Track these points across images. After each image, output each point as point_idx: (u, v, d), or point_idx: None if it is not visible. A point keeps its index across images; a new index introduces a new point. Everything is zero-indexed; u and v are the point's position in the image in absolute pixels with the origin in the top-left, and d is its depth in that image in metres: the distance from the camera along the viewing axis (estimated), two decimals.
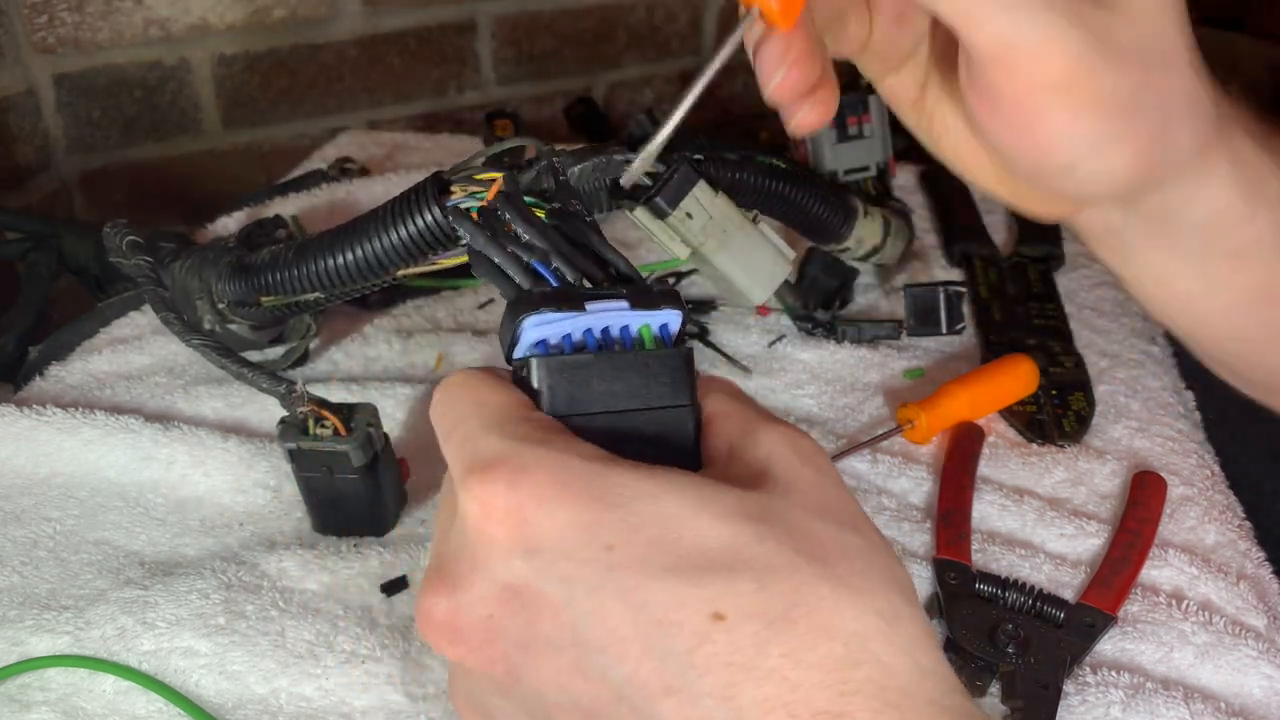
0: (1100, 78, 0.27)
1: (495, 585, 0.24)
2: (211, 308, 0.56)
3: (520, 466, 0.24)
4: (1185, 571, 0.48)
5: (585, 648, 0.23)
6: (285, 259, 0.49)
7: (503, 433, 0.26)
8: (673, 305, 0.29)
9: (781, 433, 0.28)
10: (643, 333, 0.29)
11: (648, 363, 0.28)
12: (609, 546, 0.23)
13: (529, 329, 0.28)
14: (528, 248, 0.30)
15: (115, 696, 0.42)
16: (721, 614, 0.22)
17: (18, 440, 0.55)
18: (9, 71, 1.09)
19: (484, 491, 0.24)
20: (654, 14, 1.55)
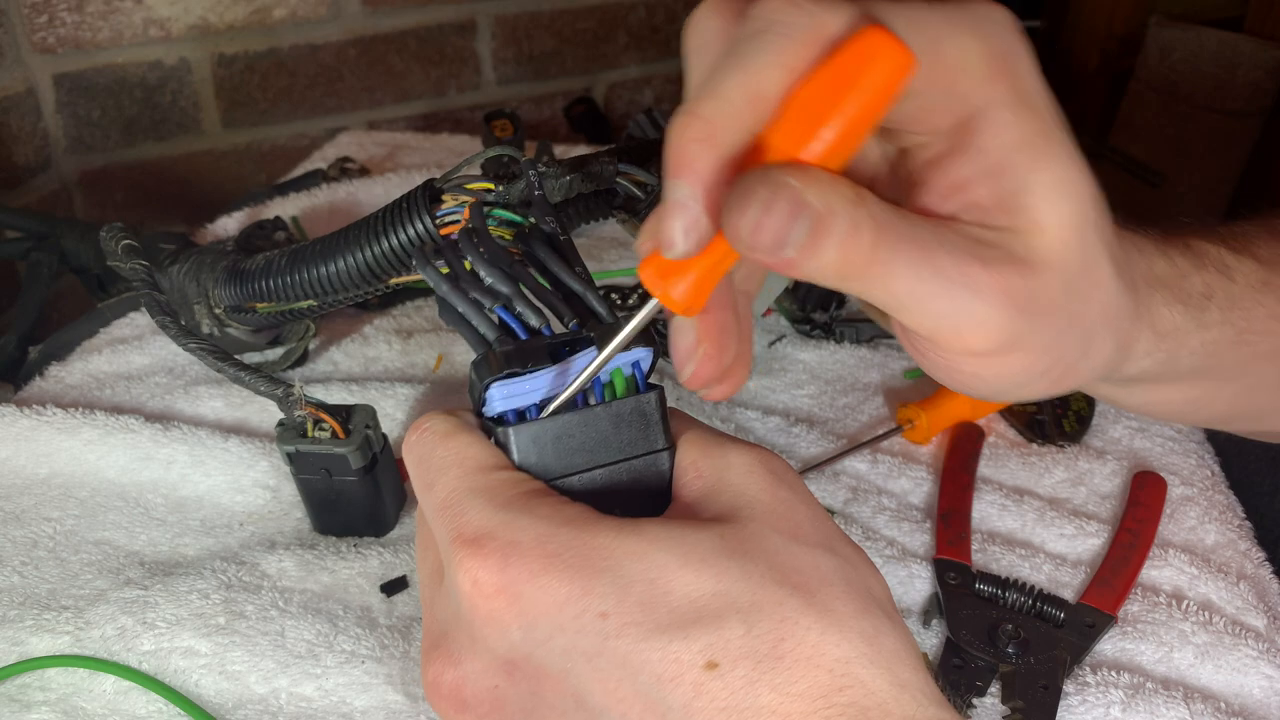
0: (1025, 339, 0.27)
1: (496, 658, 0.26)
2: (209, 312, 0.56)
3: (510, 542, 0.25)
4: (1185, 571, 0.48)
5: (590, 711, 0.24)
6: (278, 266, 0.49)
7: (490, 500, 0.26)
8: (642, 343, 0.29)
9: (751, 456, 0.28)
10: (614, 378, 0.29)
11: (620, 414, 0.28)
12: (602, 615, 0.24)
13: (495, 393, 0.28)
14: (491, 293, 0.30)
15: (115, 696, 0.42)
16: (714, 662, 0.23)
17: (18, 440, 0.55)
18: (9, 71, 1.09)
19: (477, 568, 0.25)
20: (654, 14, 1.55)
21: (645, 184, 0.47)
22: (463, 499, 0.27)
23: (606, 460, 0.28)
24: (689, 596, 0.24)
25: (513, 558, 0.25)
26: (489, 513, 0.26)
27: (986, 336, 0.26)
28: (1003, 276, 0.26)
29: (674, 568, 0.24)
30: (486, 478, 0.27)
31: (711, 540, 0.25)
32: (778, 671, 0.23)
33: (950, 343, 0.27)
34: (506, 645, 0.25)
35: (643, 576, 0.24)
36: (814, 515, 0.27)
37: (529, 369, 0.28)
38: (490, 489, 0.27)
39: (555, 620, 0.24)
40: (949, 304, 0.26)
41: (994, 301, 0.26)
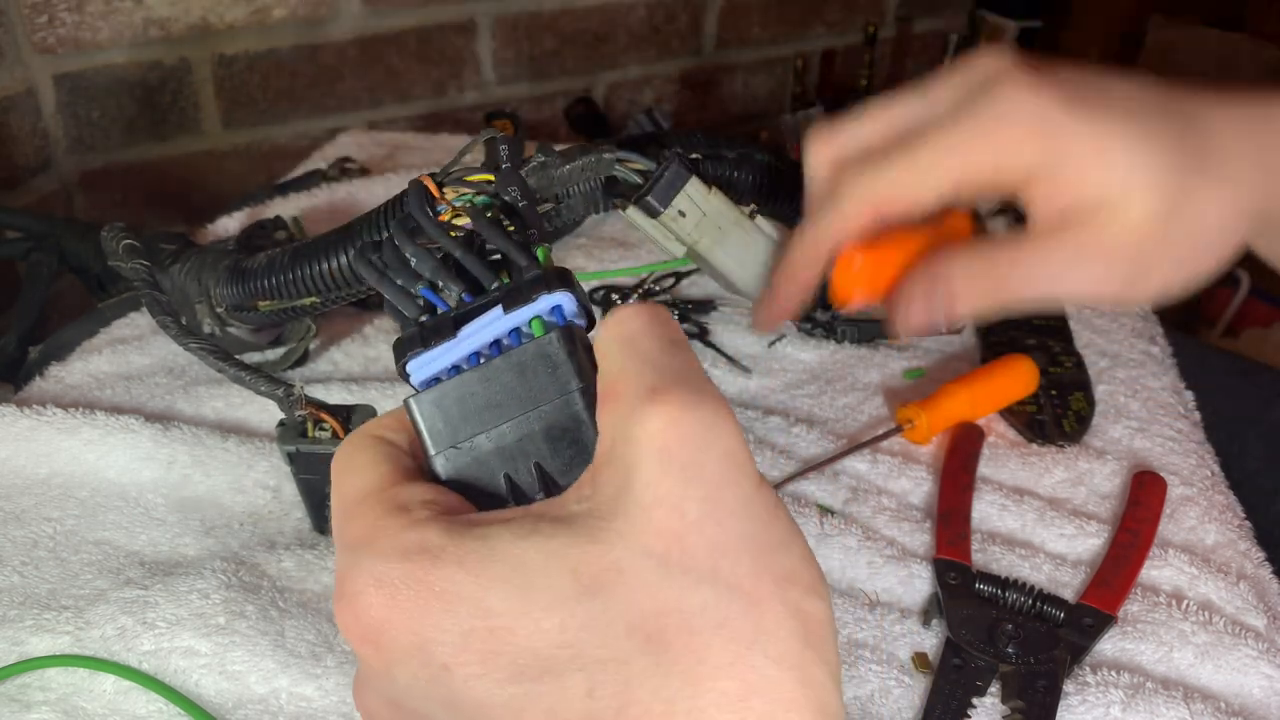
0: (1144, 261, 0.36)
1: (382, 698, 0.26)
2: (210, 311, 0.56)
3: (355, 592, 0.23)
4: (1185, 571, 0.48)
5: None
6: (280, 263, 0.49)
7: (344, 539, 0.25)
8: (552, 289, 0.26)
9: (653, 427, 0.23)
10: (534, 327, 0.27)
11: (523, 361, 0.26)
12: (445, 667, 0.22)
13: (415, 372, 0.27)
14: (414, 275, 0.29)
15: (115, 696, 0.42)
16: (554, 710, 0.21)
17: (18, 440, 0.55)
18: (9, 71, 1.09)
19: (342, 617, 0.24)
20: (654, 14, 1.55)
21: (644, 171, 0.47)
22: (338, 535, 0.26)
23: (516, 413, 0.26)
24: (530, 649, 0.22)
25: (360, 608, 0.23)
26: (344, 554, 0.25)
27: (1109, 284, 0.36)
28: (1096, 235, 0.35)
29: (515, 614, 0.22)
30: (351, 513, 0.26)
31: (563, 574, 0.22)
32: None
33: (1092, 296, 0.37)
34: (384, 688, 0.25)
35: (482, 625, 0.22)
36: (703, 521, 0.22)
37: (434, 342, 0.27)
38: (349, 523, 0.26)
39: (408, 669, 0.23)
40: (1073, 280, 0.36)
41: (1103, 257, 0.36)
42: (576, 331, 0.27)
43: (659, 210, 0.47)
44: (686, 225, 0.48)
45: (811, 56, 1.75)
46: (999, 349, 0.64)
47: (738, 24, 1.64)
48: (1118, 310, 0.69)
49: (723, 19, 1.62)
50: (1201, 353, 0.91)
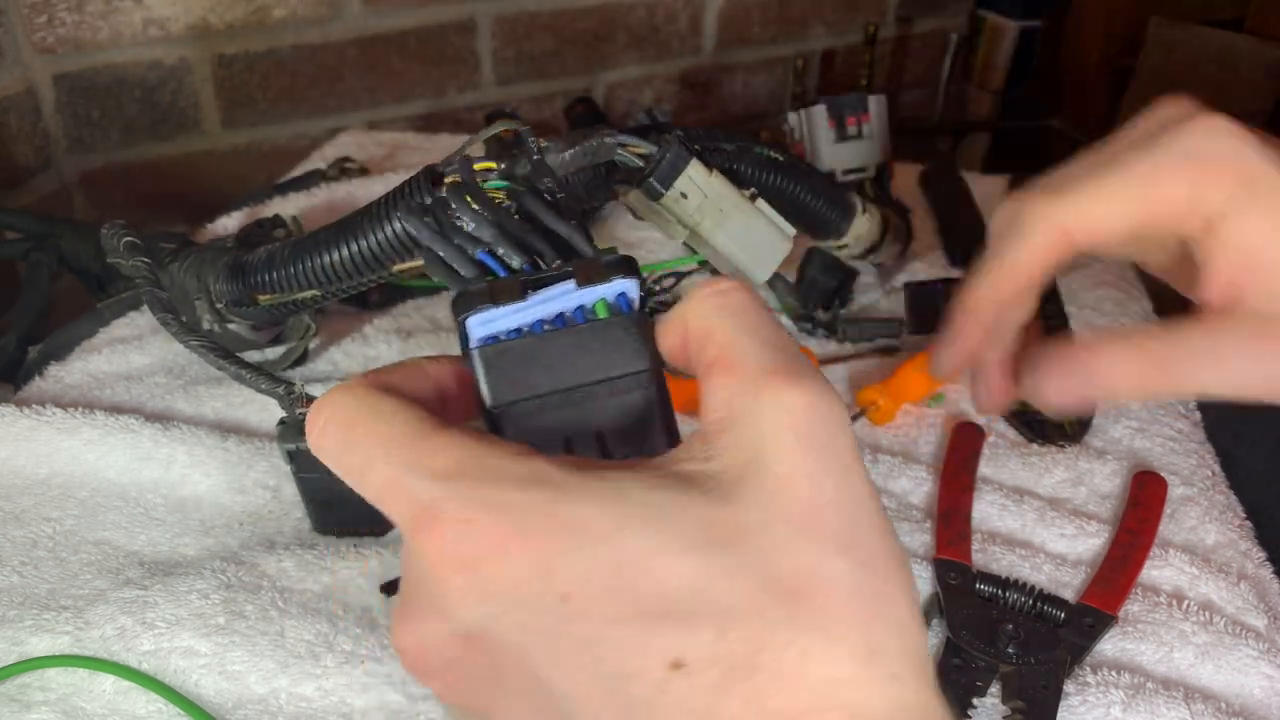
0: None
1: (456, 630, 0.24)
2: (210, 307, 0.56)
3: (465, 517, 0.23)
4: (1186, 571, 0.48)
5: (548, 694, 0.23)
6: (281, 257, 0.49)
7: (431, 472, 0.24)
8: (624, 274, 0.27)
9: (788, 406, 0.24)
10: (597, 309, 0.27)
11: (594, 332, 0.27)
12: (564, 597, 0.22)
13: (475, 328, 0.27)
14: (472, 239, 0.29)
15: (115, 696, 0.42)
16: (681, 661, 0.21)
17: (17, 440, 0.55)
18: (9, 71, 1.09)
19: (434, 544, 0.23)
20: (654, 14, 1.55)
21: (646, 154, 0.47)
22: (403, 475, 0.25)
23: (583, 380, 0.27)
24: (660, 589, 0.22)
25: (468, 533, 0.23)
26: (437, 486, 0.24)
27: None
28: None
29: (648, 555, 0.22)
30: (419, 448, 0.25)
31: (698, 524, 0.23)
32: (751, 683, 0.21)
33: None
34: (467, 619, 0.24)
35: (610, 560, 0.22)
36: (841, 497, 0.23)
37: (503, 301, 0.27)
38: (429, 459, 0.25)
39: (514, 597, 0.23)
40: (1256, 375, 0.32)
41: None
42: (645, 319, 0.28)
43: (661, 192, 0.47)
44: (688, 207, 0.48)
45: (811, 56, 1.75)
46: None
47: (738, 24, 1.64)
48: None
49: (723, 19, 1.62)
50: None
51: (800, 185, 0.57)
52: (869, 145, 0.72)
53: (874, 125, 0.72)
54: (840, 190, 0.63)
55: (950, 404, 0.61)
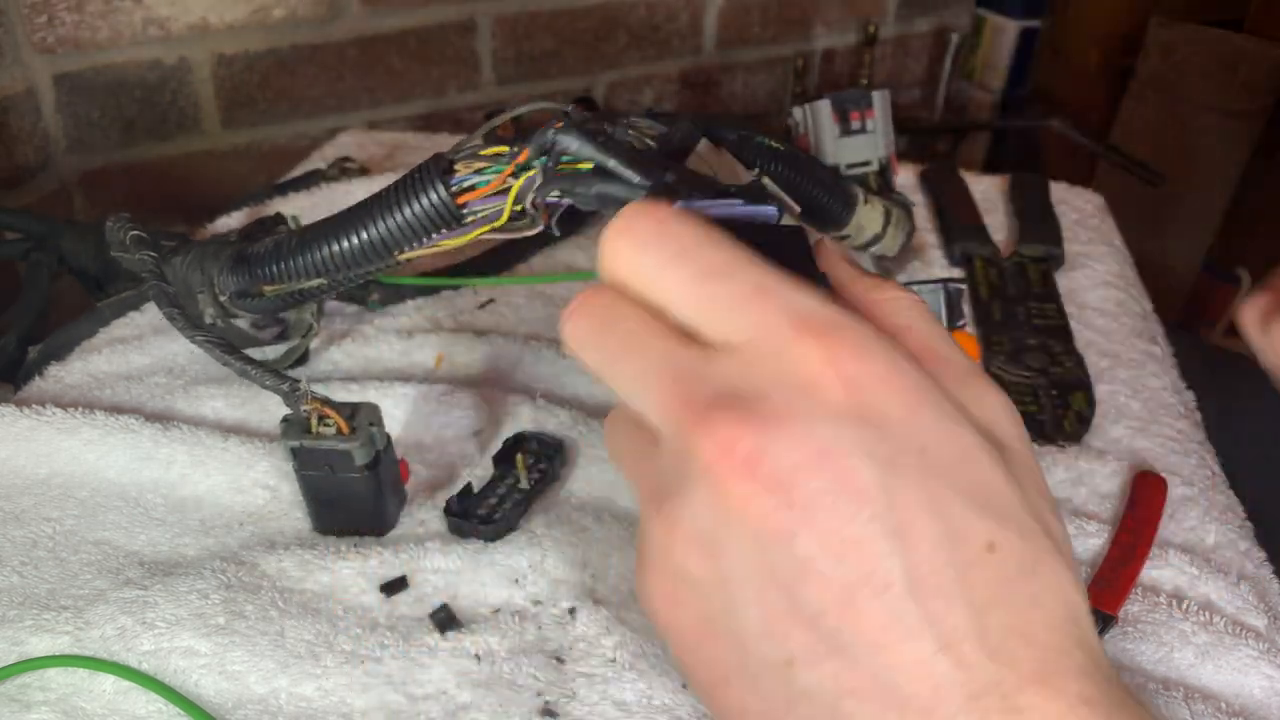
0: None
1: (813, 440, 0.24)
2: (213, 301, 0.56)
3: (862, 342, 0.25)
4: (1186, 572, 0.48)
5: (880, 529, 0.24)
6: (289, 246, 0.49)
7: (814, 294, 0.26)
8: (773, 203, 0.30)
9: (1001, 397, 0.29)
10: None
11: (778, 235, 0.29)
12: (924, 449, 0.25)
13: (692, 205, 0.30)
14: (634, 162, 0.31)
15: (115, 696, 0.42)
16: (994, 545, 0.25)
17: (17, 440, 0.55)
18: (9, 71, 1.09)
19: (829, 352, 0.25)
20: (654, 14, 1.55)
21: (656, 135, 0.47)
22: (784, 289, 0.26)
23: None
24: (986, 483, 0.25)
25: (866, 353, 0.25)
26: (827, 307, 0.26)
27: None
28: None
29: (978, 450, 0.26)
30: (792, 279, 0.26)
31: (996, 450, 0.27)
32: (1033, 582, 0.25)
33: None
34: (833, 434, 0.24)
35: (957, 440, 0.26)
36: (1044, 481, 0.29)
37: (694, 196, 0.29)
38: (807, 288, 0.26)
39: (886, 429, 0.24)
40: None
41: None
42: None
43: None
44: None
45: (811, 56, 1.75)
46: (999, 349, 0.64)
47: (738, 24, 1.64)
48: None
49: (723, 19, 1.62)
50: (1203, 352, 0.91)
51: (802, 175, 0.57)
52: (872, 140, 0.72)
53: (877, 120, 0.72)
54: (842, 180, 0.63)
55: None
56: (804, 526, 0.24)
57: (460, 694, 0.42)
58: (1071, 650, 0.24)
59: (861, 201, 0.64)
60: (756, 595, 0.25)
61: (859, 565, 0.24)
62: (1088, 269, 0.77)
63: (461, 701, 0.42)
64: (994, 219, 0.83)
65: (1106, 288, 0.75)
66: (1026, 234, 0.79)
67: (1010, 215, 0.84)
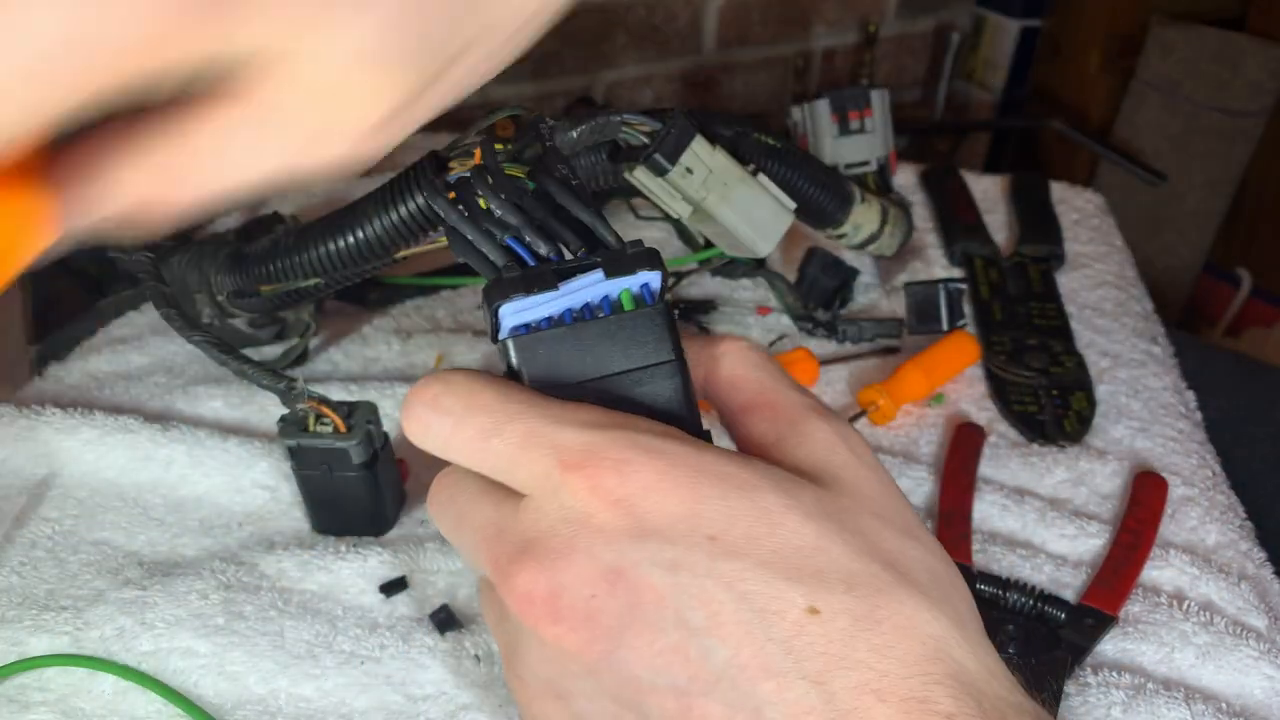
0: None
1: (599, 566, 0.25)
2: (211, 300, 0.56)
3: (623, 458, 0.25)
4: (1186, 572, 0.48)
5: (688, 630, 0.24)
6: (285, 245, 0.49)
7: (578, 423, 0.26)
8: (649, 266, 0.29)
9: (834, 428, 0.29)
10: (623, 298, 0.29)
11: (622, 324, 0.28)
12: (712, 537, 0.24)
13: (508, 316, 0.28)
14: (500, 224, 0.30)
15: (114, 696, 0.42)
16: (816, 609, 0.24)
17: (17, 440, 0.55)
18: None
19: (591, 482, 0.25)
20: (654, 14, 1.55)
21: (650, 131, 0.48)
22: (548, 428, 0.26)
23: (614, 370, 0.28)
24: (793, 544, 0.25)
25: (628, 470, 0.25)
26: (585, 434, 0.26)
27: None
28: None
29: (779, 512, 0.25)
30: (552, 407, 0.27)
31: (812, 498, 0.26)
32: (875, 633, 0.24)
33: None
34: (615, 555, 0.25)
35: (749, 511, 0.25)
36: (899, 501, 0.28)
37: (535, 290, 0.28)
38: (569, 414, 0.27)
39: (666, 535, 0.25)
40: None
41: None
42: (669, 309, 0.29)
43: (667, 168, 0.48)
44: (694, 182, 0.48)
45: (811, 56, 1.75)
46: (1000, 349, 0.64)
47: (738, 23, 1.64)
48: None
49: (723, 19, 1.62)
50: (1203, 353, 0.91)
51: (798, 172, 0.57)
52: (871, 140, 0.72)
53: (876, 119, 0.72)
54: (838, 178, 0.63)
55: (950, 404, 0.61)
56: (620, 648, 0.25)
57: (460, 694, 0.42)
58: (933, 692, 0.23)
59: (858, 200, 0.64)
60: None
61: (683, 670, 0.24)
62: (1088, 269, 0.77)
63: (461, 702, 0.41)
64: (994, 219, 0.83)
65: (1107, 288, 0.74)
66: (1027, 234, 0.79)
67: (1010, 215, 0.84)
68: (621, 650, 0.25)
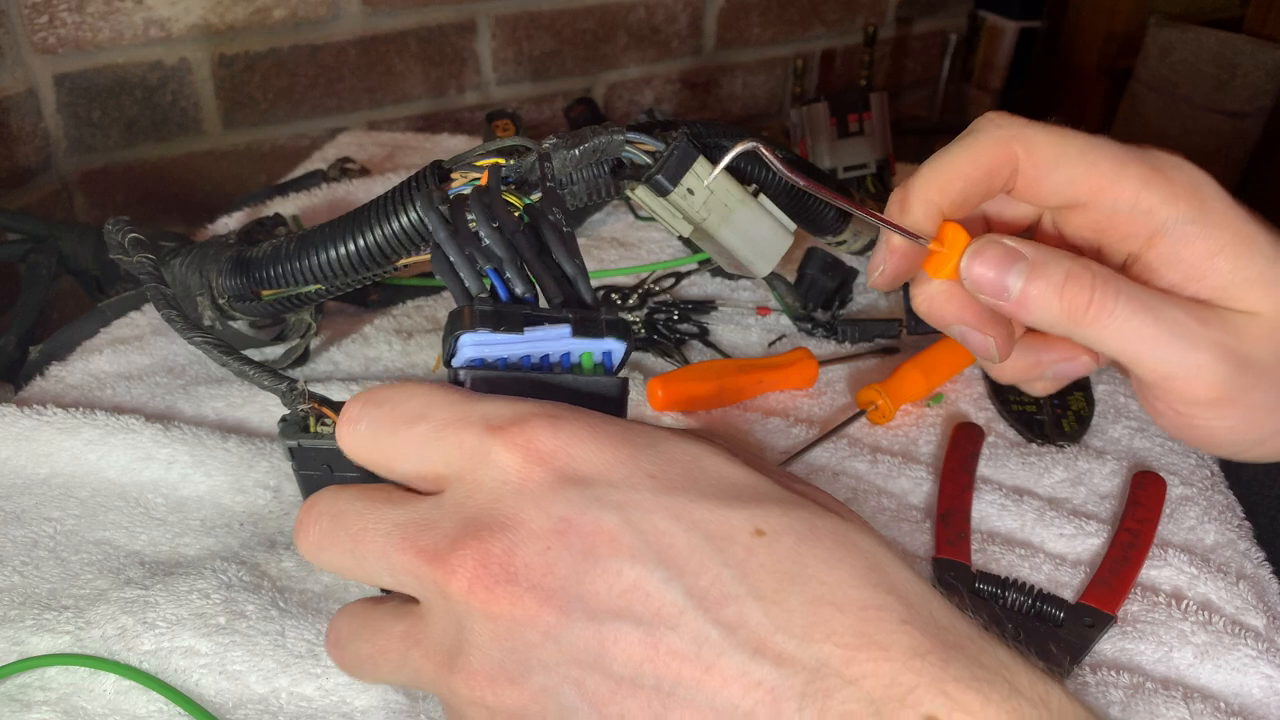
0: (1246, 393, 0.31)
1: (549, 518, 0.25)
2: (212, 303, 0.56)
3: (554, 415, 0.26)
4: (1185, 571, 0.48)
5: (646, 564, 0.24)
6: (286, 251, 0.49)
7: (500, 403, 0.27)
8: (618, 336, 0.29)
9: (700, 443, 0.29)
10: (584, 360, 0.29)
11: (578, 385, 0.28)
12: (652, 475, 0.25)
13: (466, 346, 0.28)
14: (486, 253, 0.30)
15: (116, 696, 0.42)
16: (761, 530, 0.25)
17: (18, 440, 0.55)
18: (9, 71, 1.09)
19: (524, 439, 0.26)
20: (654, 14, 1.55)
21: (653, 151, 0.48)
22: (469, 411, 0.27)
23: None
24: (727, 477, 0.26)
25: (561, 427, 0.26)
26: (511, 405, 0.27)
27: (1205, 384, 0.31)
28: (1218, 333, 0.31)
29: (708, 457, 0.27)
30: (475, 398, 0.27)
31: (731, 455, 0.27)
32: (820, 548, 0.25)
33: (1175, 390, 0.32)
34: (562, 504, 0.25)
35: (682, 456, 0.26)
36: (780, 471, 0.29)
37: (501, 329, 0.28)
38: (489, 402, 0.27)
39: (608, 478, 0.25)
40: (1171, 351, 0.31)
41: (1210, 352, 0.31)
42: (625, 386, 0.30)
43: (669, 189, 0.48)
44: (695, 203, 0.49)
45: (811, 56, 1.75)
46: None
47: (738, 24, 1.64)
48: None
49: (723, 19, 1.62)
50: None
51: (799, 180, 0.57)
52: (870, 142, 0.72)
53: (875, 122, 0.72)
54: (838, 186, 0.63)
55: (950, 404, 0.61)
56: (579, 598, 0.24)
57: None
58: (886, 600, 0.24)
59: None
60: (576, 689, 0.25)
61: (645, 607, 0.24)
62: None
63: None
64: None
65: None
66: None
67: None
68: (582, 600, 0.24)
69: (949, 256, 0.33)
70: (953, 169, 0.34)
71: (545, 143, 0.47)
